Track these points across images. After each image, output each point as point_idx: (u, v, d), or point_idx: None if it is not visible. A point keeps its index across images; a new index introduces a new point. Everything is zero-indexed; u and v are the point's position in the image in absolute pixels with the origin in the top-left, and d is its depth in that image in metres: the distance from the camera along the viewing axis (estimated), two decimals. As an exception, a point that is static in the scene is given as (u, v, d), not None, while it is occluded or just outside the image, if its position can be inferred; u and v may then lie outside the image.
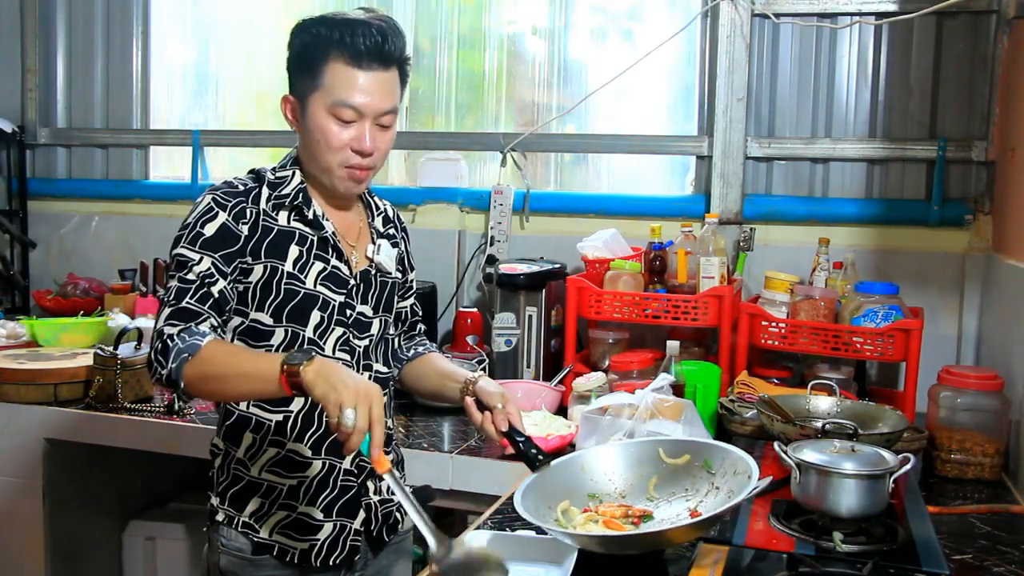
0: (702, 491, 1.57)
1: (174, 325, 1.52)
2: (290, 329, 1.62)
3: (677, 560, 1.57)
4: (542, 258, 2.88)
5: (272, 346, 1.62)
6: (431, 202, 3.18)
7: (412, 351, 1.89)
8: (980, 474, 2.08)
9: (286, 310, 1.61)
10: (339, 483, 1.68)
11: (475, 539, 1.53)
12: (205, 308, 1.55)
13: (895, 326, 2.31)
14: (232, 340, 1.63)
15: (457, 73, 3.28)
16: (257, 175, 1.66)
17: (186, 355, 1.47)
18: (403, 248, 1.84)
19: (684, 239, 2.66)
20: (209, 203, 1.59)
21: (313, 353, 1.42)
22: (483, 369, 2.68)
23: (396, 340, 1.87)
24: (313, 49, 1.58)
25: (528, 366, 2.71)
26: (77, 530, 2.76)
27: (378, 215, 1.79)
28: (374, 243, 1.74)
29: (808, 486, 1.61)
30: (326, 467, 1.66)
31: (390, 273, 1.76)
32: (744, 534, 1.59)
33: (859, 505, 1.57)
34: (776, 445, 1.71)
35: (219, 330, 1.57)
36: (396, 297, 1.79)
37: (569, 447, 2.11)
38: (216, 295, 1.56)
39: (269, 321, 1.61)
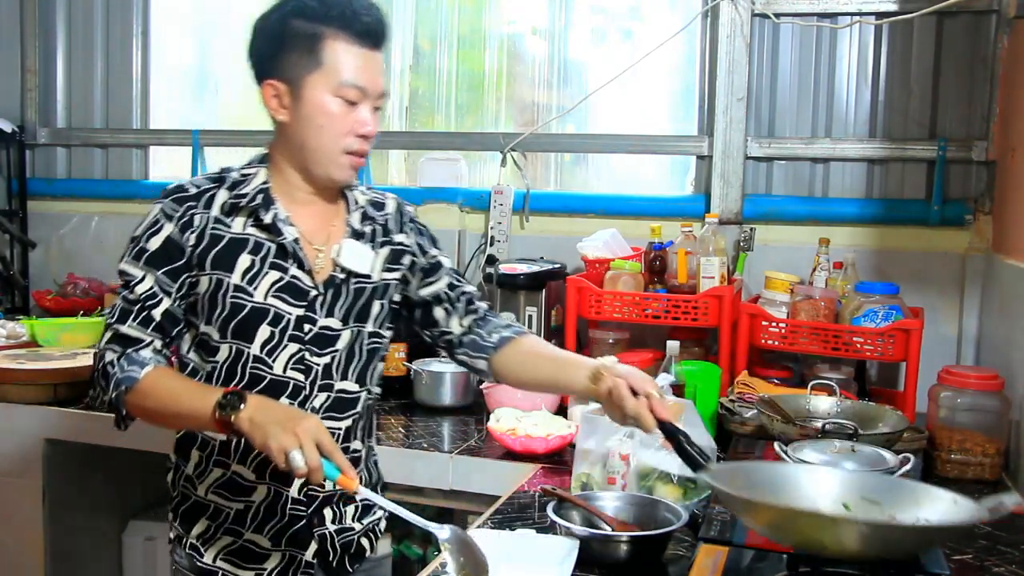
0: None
1: (114, 351, 1.48)
2: (234, 346, 1.52)
3: (677, 560, 1.57)
4: (542, 258, 2.88)
5: (217, 363, 1.54)
6: (431, 202, 3.17)
7: (495, 336, 1.70)
8: (980, 474, 2.08)
9: (231, 325, 1.51)
10: (288, 512, 1.58)
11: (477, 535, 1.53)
12: (147, 332, 1.49)
13: (895, 326, 2.31)
14: (188, 352, 1.57)
15: (457, 73, 3.28)
16: (221, 175, 1.57)
17: (123, 387, 1.45)
18: (411, 242, 1.69)
19: (684, 239, 2.65)
20: (157, 215, 1.52)
21: (245, 396, 1.36)
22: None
23: (467, 327, 1.72)
24: (307, 26, 1.47)
25: (528, 366, 2.71)
26: (77, 530, 2.76)
27: (356, 210, 1.64)
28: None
29: (808, 486, 1.60)
30: (272, 493, 1.57)
31: (367, 276, 1.61)
32: (744, 534, 1.59)
33: (859, 505, 1.57)
34: (776, 445, 1.71)
35: (164, 351, 1.52)
36: (381, 301, 1.63)
37: (569, 447, 2.11)
38: (159, 318, 1.50)
39: (216, 336, 1.53)
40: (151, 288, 1.50)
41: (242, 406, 1.35)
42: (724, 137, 2.86)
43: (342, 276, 1.58)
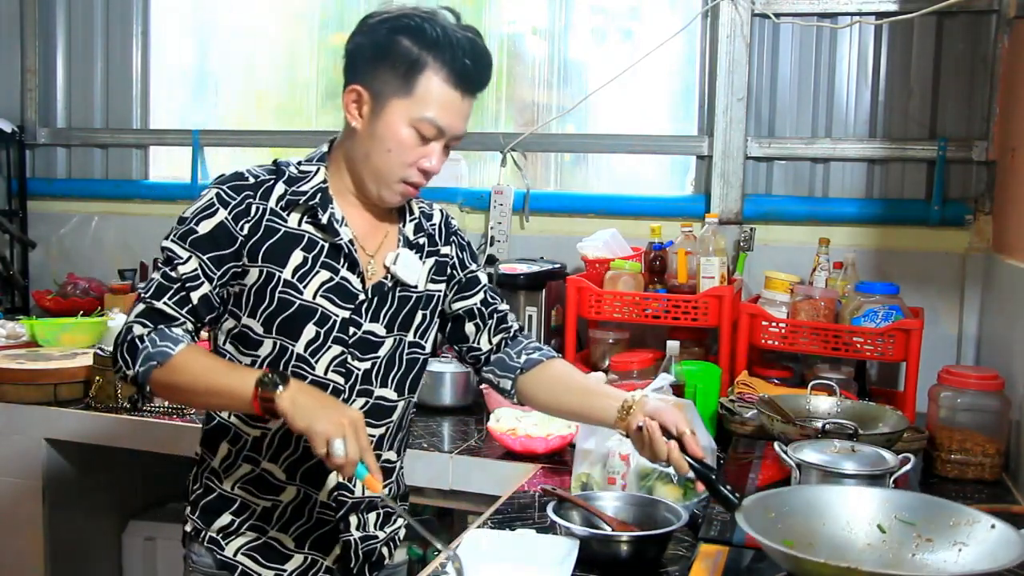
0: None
1: (145, 325, 1.44)
2: (279, 342, 1.50)
3: (677, 560, 1.57)
4: (542, 258, 2.88)
5: (259, 357, 1.51)
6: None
7: (523, 357, 1.69)
8: (980, 474, 2.08)
9: (277, 321, 1.49)
10: (315, 515, 1.58)
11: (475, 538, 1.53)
12: (182, 312, 1.46)
13: (895, 326, 2.31)
14: (224, 343, 1.54)
15: (457, 73, 3.28)
16: (277, 167, 1.54)
17: (155, 362, 1.41)
18: (452, 254, 1.68)
19: (684, 239, 2.65)
20: (211, 199, 1.48)
21: (288, 376, 1.36)
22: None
23: (496, 345, 1.71)
24: (413, 50, 1.44)
25: (528, 366, 2.71)
26: (77, 530, 2.76)
27: (411, 220, 1.64)
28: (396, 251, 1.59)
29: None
30: (301, 495, 1.57)
31: (414, 286, 1.60)
32: (744, 534, 1.59)
33: (859, 505, 1.56)
34: (776, 445, 1.71)
35: (193, 334, 1.49)
36: (424, 312, 1.63)
37: (569, 447, 2.11)
38: (196, 301, 1.47)
39: (259, 330, 1.50)
40: (194, 270, 1.46)
41: (284, 386, 1.35)
42: (724, 137, 2.86)
43: (390, 284, 1.58)
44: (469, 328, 1.71)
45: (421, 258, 1.63)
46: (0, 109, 3.70)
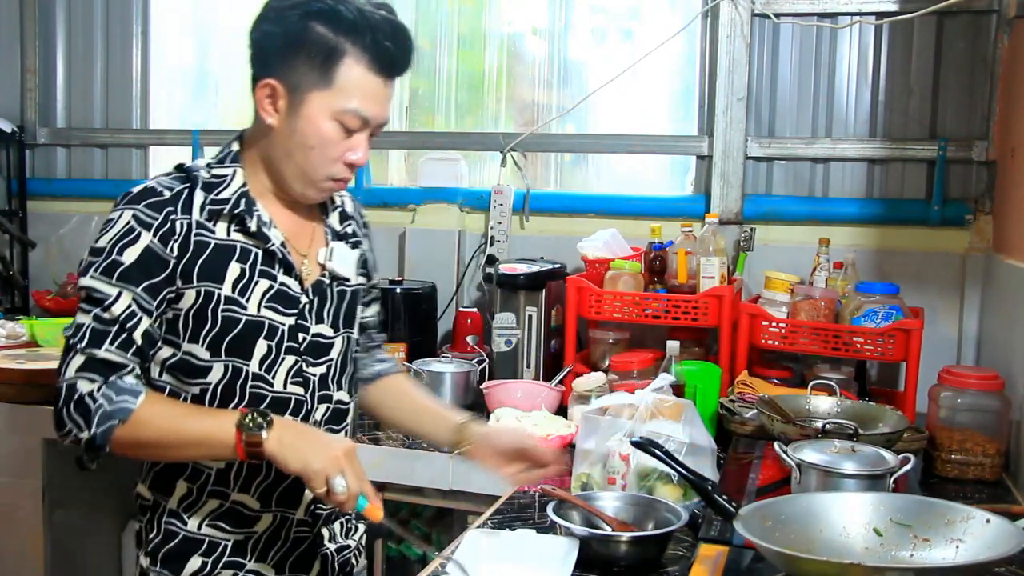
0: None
1: (92, 380, 1.30)
2: (231, 364, 1.38)
3: (677, 560, 1.57)
4: (542, 258, 2.88)
5: (209, 384, 1.39)
6: (431, 202, 3.17)
7: (368, 369, 1.67)
8: (980, 474, 2.08)
9: (225, 342, 1.37)
10: (292, 535, 1.49)
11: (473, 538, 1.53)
12: (128, 357, 1.32)
13: (895, 326, 2.31)
14: (161, 375, 1.40)
15: (457, 73, 3.28)
16: (187, 173, 1.41)
17: (115, 421, 1.29)
18: (367, 247, 1.60)
19: (684, 239, 2.65)
20: (129, 222, 1.34)
21: (268, 413, 1.28)
22: (483, 370, 2.66)
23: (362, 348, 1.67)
24: (329, 37, 1.33)
25: (528, 366, 2.71)
26: (77, 530, 2.76)
27: (334, 211, 1.54)
28: (327, 246, 1.50)
29: (808, 486, 1.60)
30: (277, 520, 1.47)
31: (348, 280, 1.52)
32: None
33: (859, 505, 1.56)
34: (776, 445, 1.70)
35: (143, 379, 1.37)
36: (360, 306, 1.56)
37: (569, 447, 2.11)
38: (139, 341, 1.33)
39: (205, 355, 1.38)
40: (128, 306, 1.32)
41: (268, 428, 1.26)
42: (724, 137, 2.86)
43: (328, 280, 1.50)
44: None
45: (350, 248, 1.55)
46: (0, 109, 3.70)
